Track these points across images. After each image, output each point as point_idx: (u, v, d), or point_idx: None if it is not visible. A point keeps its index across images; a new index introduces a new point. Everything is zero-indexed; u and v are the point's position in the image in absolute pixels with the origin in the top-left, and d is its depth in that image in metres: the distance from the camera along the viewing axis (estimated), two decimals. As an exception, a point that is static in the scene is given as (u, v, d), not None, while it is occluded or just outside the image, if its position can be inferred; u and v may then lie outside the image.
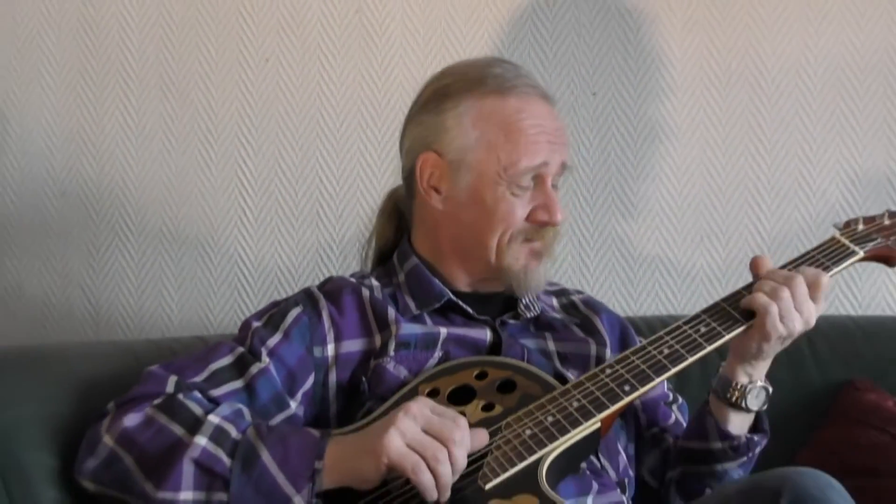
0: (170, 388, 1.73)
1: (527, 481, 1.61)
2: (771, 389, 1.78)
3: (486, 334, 1.86)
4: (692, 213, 2.42)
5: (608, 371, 1.71)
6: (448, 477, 1.56)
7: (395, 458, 1.56)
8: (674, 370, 1.71)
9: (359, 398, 1.80)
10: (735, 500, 1.49)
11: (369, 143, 2.49)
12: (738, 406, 1.77)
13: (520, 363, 1.78)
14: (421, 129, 1.88)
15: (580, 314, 1.99)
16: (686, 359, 1.71)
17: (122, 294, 2.56)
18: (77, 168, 2.57)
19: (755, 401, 1.77)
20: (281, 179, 2.51)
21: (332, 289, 1.88)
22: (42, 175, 2.58)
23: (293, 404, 1.78)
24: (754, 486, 1.49)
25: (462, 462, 1.58)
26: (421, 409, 1.59)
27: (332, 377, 1.81)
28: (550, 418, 1.66)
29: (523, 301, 1.90)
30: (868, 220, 1.92)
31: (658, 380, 1.70)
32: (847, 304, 2.38)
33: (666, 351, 1.72)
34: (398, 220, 2.00)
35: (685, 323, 1.76)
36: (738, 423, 1.78)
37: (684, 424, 1.97)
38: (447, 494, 1.57)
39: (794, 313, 1.72)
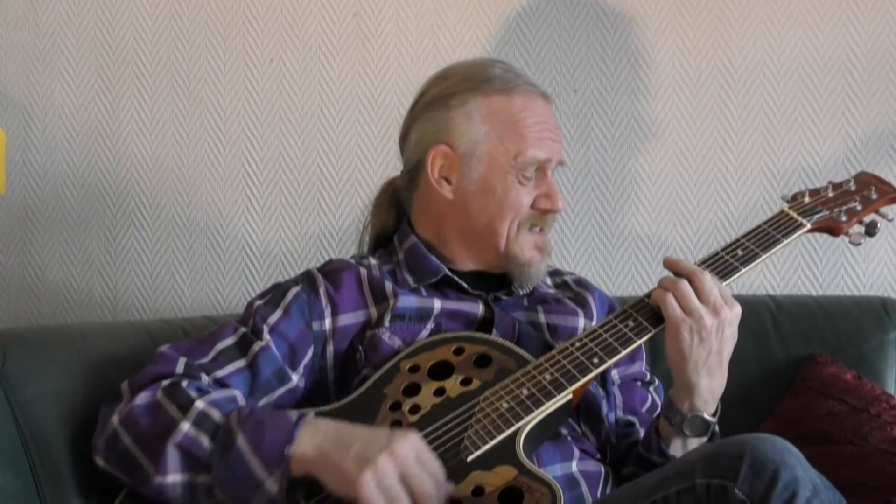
0: (180, 368, 1.71)
1: (506, 453, 1.59)
2: (714, 422, 1.71)
3: (479, 308, 1.85)
4: (666, 200, 2.41)
5: (577, 345, 1.69)
6: None
7: (364, 499, 1.50)
8: (639, 341, 1.70)
9: (355, 366, 1.79)
10: (699, 465, 1.45)
11: (366, 137, 2.48)
12: (679, 430, 1.72)
13: (494, 338, 1.77)
14: (430, 125, 1.88)
15: (572, 291, 1.98)
16: (650, 331, 1.70)
17: (137, 278, 2.56)
18: (95, 161, 2.56)
19: (691, 429, 1.70)
20: (284, 171, 2.51)
21: (330, 269, 1.88)
22: (63, 167, 2.57)
23: (295, 377, 1.77)
24: (716, 452, 1.46)
25: None
26: (406, 456, 1.52)
27: (330, 349, 1.80)
28: (525, 391, 1.65)
29: (516, 282, 1.90)
30: (813, 193, 1.91)
31: (625, 352, 1.69)
32: (808, 285, 2.37)
33: (631, 324, 1.71)
34: (396, 209, 1.98)
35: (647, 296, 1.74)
36: (679, 446, 1.73)
37: (660, 407, 1.94)
38: None
39: (693, 301, 1.66)
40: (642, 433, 1.86)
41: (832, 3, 2.35)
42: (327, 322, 1.81)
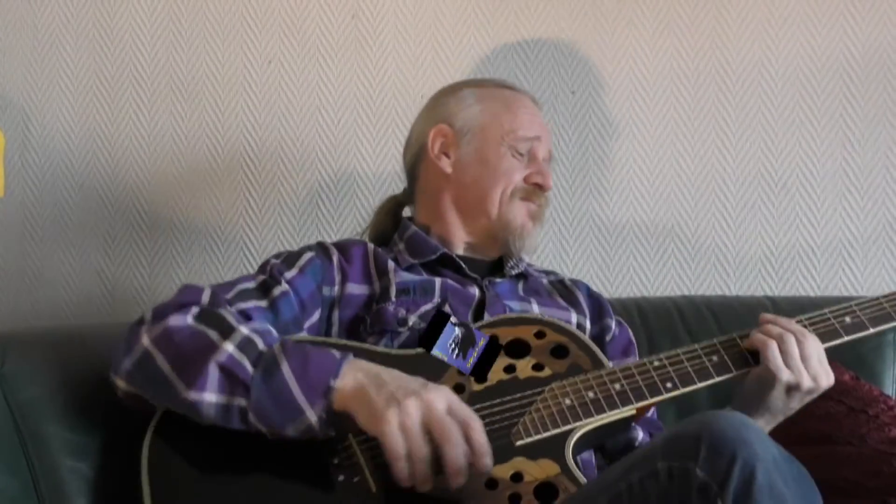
0: (205, 298, 1.71)
1: (554, 448, 1.58)
2: None
3: (475, 291, 1.89)
4: (664, 202, 2.41)
5: (656, 364, 1.69)
6: (422, 475, 1.49)
7: (384, 438, 1.50)
8: (718, 379, 1.67)
9: (358, 336, 1.80)
10: (661, 451, 1.43)
11: (364, 139, 2.48)
12: None
13: (577, 333, 1.75)
14: (428, 114, 2.03)
15: (566, 289, 2.02)
16: (732, 372, 1.68)
17: (135, 279, 2.55)
18: (94, 163, 2.56)
19: None
20: (282, 172, 2.51)
21: (342, 243, 1.95)
22: (61, 169, 2.57)
23: (301, 335, 1.78)
24: (676, 435, 1.44)
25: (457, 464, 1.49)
26: (433, 404, 1.50)
27: (336, 315, 1.84)
28: (591, 394, 1.64)
29: (509, 262, 1.96)
30: None
31: (700, 385, 1.67)
32: (807, 286, 2.37)
33: (715, 359, 1.69)
34: (395, 216, 2.06)
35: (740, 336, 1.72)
36: None
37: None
38: (411, 485, 1.50)
39: (796, 360, 1.66)
40: (637, 430, 1.88)
41: (830, 4, 2.36)
42: (336, 289, 1.85)
